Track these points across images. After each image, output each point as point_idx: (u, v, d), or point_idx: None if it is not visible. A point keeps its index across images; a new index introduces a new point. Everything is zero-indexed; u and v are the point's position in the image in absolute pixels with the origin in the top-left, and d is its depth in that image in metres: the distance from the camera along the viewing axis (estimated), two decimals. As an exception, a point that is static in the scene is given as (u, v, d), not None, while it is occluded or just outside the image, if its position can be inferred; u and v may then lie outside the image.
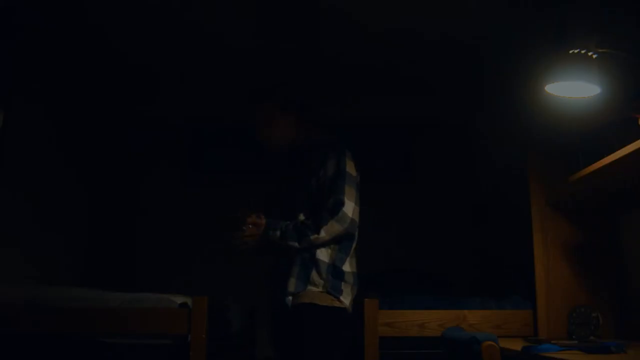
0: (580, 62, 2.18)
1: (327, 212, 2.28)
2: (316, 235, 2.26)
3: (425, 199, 4.30)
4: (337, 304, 2.29)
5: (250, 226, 2.32)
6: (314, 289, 2.28)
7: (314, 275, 2.29)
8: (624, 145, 2.03)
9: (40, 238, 3.17)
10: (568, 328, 2.62)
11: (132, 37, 3.29)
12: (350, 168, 2.36)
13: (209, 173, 4.51)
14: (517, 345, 2.13)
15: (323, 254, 2.31)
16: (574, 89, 2.30)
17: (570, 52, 2.19)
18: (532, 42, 2.75)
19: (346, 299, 2.32)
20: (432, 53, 3.36)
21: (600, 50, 2.17)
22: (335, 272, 2.31)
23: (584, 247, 2.76)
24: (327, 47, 3.38)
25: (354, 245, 2.39)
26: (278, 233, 2.30)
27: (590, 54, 2.17)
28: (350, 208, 2.29)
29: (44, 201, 3.24)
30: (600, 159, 2.23)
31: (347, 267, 2.34)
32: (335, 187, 2.31)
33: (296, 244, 2.28)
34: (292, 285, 2.28)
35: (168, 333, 2.40)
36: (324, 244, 2.30)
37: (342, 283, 2.31)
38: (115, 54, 3.50)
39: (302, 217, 2.34)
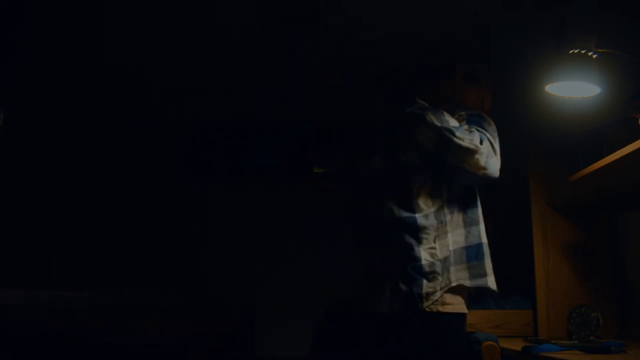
0: (580, 62, 2.18)
1: None
2: None
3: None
4: None
5: None
6: None
7: None
8: (624, 145, 2.03)
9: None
10: (568, 328, 2.62)
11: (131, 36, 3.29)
12: None
13: (212, 174, 4.52)
14: (517, 345, 2.13)
15: None
16: (574, 89, 2.31)
17: (570, 52, 2.19)
18: (532, 42, 2.74)
19: None
20: (431, 53, 3.35)
21: (600, 50, 2.17)
22: None
23: (584, 247, 2.76)
24: (326, 47, 3.38)
25: None
26: None
27: (590, 54, 2.17)
28: None
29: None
30: (600, 159, 2.23)
31: None
32: None
33: None
34: None
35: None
36: None
37: None
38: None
39: None
